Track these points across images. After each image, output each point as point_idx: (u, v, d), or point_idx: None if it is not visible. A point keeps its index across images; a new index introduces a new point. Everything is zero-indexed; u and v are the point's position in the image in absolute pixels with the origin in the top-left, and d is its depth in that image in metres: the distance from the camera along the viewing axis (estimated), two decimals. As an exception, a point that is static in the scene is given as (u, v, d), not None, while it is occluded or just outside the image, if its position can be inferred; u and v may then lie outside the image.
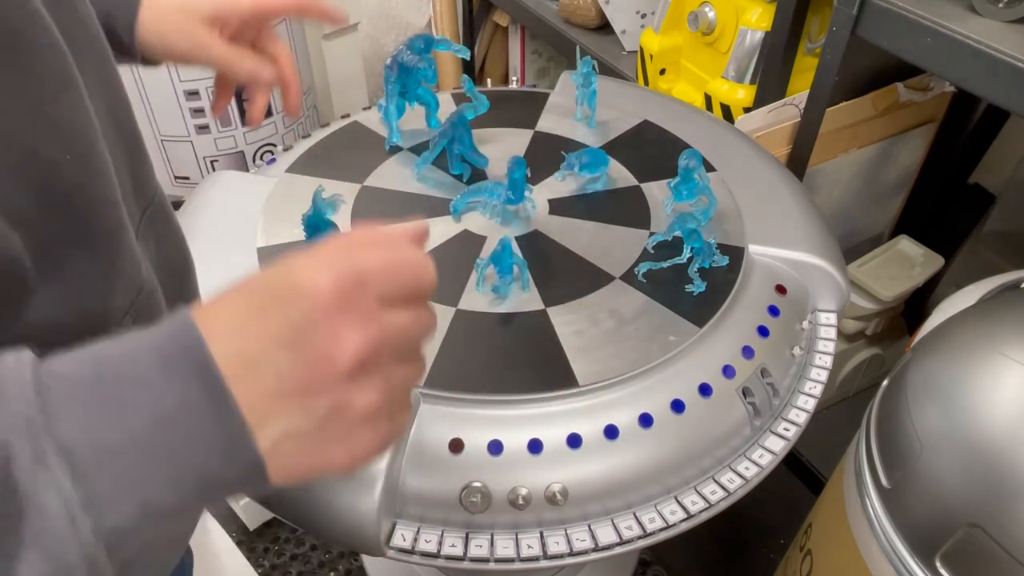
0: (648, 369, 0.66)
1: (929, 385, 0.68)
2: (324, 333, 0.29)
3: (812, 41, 1.10)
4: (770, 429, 0.70)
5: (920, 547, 0.65)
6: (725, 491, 0.66)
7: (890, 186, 1.26)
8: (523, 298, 0.73)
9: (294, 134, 1.54)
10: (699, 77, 1.24)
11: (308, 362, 0.28)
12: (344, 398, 0.29)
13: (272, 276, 0.31)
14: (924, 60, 0.84)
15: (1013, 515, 0.58)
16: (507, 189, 0.80)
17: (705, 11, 1.15)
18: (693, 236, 0.73)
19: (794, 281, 0.78)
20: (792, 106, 1.06)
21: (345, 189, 0.86)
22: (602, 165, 0.86)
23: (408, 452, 0.62)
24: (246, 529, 1.28)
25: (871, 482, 0.71)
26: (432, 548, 0.62)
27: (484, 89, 1.01)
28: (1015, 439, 0.60)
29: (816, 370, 0.75)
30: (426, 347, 0.34)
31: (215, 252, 0.77)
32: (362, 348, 0.29)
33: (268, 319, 0.29)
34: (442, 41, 0.87)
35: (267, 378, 0.28)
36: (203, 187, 0.88)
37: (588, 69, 0.93)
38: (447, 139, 0.87)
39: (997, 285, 0.79)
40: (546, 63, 1.88)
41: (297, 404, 0.28)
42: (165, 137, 1.42)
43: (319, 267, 0.30)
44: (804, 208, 0.85)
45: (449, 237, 0.81)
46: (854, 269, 1.17)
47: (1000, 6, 0.80)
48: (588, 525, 0.64)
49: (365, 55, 1.94)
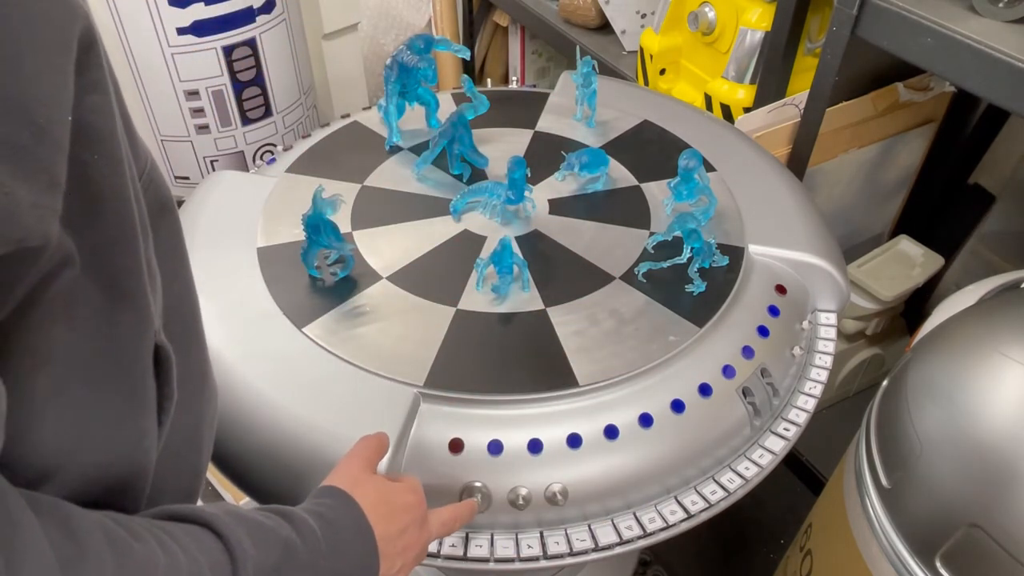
0: (648, 369, 0.66)
1: (929, 385, 0.68)
2: (414, 532, 0.52)
3: (812, 41, 1.10)
4: (770, 429, 0.70)
5: (920, 547, 0.65)
6: (725, 491, 0.66)
7: (890, 186, 1.26)
8: (523, 298, 0.73)
9: (294, 134, 1.54)
10: (699, 77, 1.24)
11: (407, 544, 0.51)
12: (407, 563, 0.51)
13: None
14: (924, 60, 0.84)
15: (1013, 515, 0.58)
16: (507, 189, 0.80)
17: (705, 11, 1.15)
18: (693, 236, 0.73)
19: (794, 281, 0.78)
20: (792, 106, 1.06)
21: (345, 189, 0.86)
22: (602, 165, 0.86)
23: (408, 452, 0.62)
24: (246, 529, 1.28)
25: (871, 482, 0.71)
26: (432, 548, 0.62)
27: (484, 89, 1.01)
28: (1015, 439, 0.60)
29: (816, 370, 0.75)
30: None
31: (215, 252, 0.78)
32: (425, 544, 0.53)
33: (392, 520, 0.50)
34: (442, 41, 0.87)
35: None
36: (203, 187, 0.88)
37: (588, 69, 0.93)
38: (447, 139, 0.87)
39: (997, 285, 0.79)
40: (546, 63, 1.88)
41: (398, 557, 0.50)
42: (165, 137, 1.42)
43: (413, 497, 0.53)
44: (804, 208, 0.85)
45: (449, 237, 0.81)
46: (854, 269, 1.17)
47: (1000, 6, 0.80)
48: (588, 525, 0.64)
49: (365, 55, 1.94)
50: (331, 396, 0.65)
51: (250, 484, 0.65)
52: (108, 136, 0.34)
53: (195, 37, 1.30)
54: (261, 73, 1.41)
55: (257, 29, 1.36)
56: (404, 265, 0.77)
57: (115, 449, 0.36)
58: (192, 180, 1.48)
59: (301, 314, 0.71)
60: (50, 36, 0.28)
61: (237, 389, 0.66)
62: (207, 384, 0.48)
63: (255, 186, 0.87)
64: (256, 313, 0.72)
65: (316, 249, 0.74)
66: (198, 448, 0.47)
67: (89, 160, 0.32)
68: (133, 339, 0.36)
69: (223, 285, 0.74)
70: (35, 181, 0.27)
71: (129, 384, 0.36)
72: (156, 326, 0.37)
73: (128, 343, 0.36)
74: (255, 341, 0.69)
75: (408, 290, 0.74)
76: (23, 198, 0.27)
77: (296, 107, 1.52)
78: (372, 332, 0.70)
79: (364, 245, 0.79)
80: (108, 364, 0.35)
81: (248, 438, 0.64)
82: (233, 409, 0.65)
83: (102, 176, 0.33)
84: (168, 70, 1.32)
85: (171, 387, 0.39)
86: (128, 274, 0.35)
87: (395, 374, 0.65)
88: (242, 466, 0.65)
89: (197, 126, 1.40)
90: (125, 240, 0.35)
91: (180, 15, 1.27)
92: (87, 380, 0.34)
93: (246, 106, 1.42)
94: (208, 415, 0.48)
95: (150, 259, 0.39)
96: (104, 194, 0.33)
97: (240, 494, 1.24)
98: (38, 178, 0.28)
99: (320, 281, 0.75)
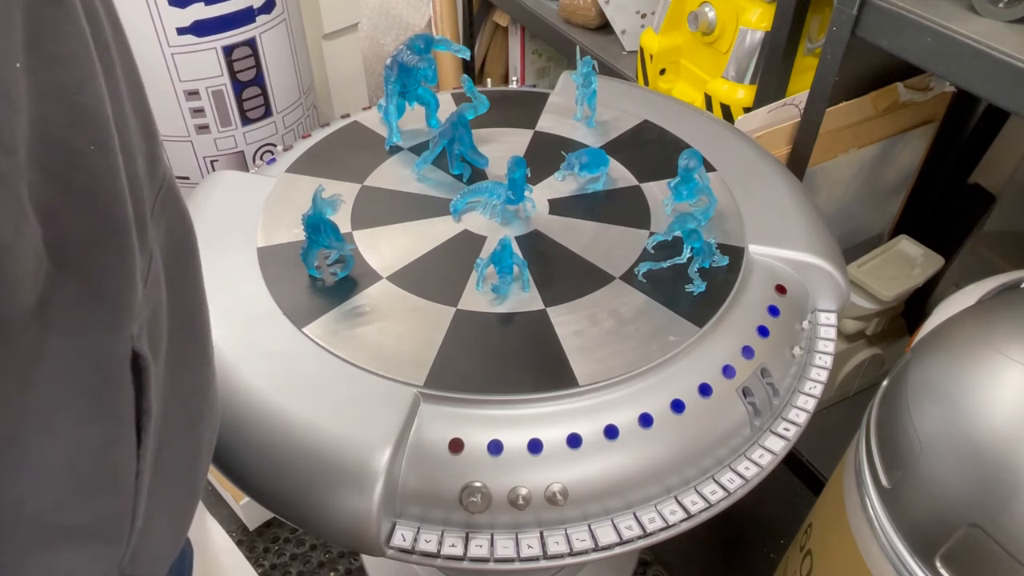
0: (648, 369, 0.66)
1: (929, 385, 0.68)
2: None
3: (812, 41, 1.10)
4: (770, 429, 0.70)
5: (920, 547, 0.65)
6: (725, 491, 0.66)
7: (890, 186, 1.26)
8: (523, 298, 0.73)
9: (294, 134, 1.54)
10: (699, 77, 1.24)
11: None
12: None
13: None
14: (924, 60, 0.84)
15: (1013, 515, 0.58)
16: (507, 189, 0.80)
17: (705, 11, 1.15)
18: (693, 236, 0.73)
19: (794, 281, 0.78)
20: (792, 106, 1.06)
21: (345, 189, 0.86)
22: (602, 165, 0.86)
23: (408, 452, 0.62)
24: (246, 529, 1.28)
25: (871, 482, 0.71)
26: (432, 548, 0.62)
27: (484, 89, 1.01)
28: (1015, 439, 0.60)
29: (816, 370, 0.75)
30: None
31: (215, 252, 0.77)
32: None
33: None
34: (442, 41, 0.87)
35: None
36: (203, 187, 0.88)
37: (588, 69, 0.93)
38: (447, 139, 0.87)
39: (997, 285, 0.79)
40: (546, 63, 1.88)
41: None
42: (165, 137, 1.42)
43: None
44: (804, 208, 0.85)
45: (449, 237, 0.81)
46: (854, 269, 1.17)
47: (1000, 6, 0.80)
48: (588, 525, 0.64)
49: (365, 55, 1.94)
50: (331, 396, 0.65)
51: (249, 484, 0.65)
52: (103, 122, 0.33)
53: (195, 37, 1.30)
54: (261, 73, 1.41)
55: (257, 29, 1.36)
56: (404, 265, 0.77)
57: (76, 450, 0.35)
58: (192, 180, 1.47)
59: (301, 314, 0.71)
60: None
61: (237, 389, 0.66)
62: (208, 406, 0.47)
63: (255, 186, 0.87)
64: (256, 313, 0.72)
65: (316, 249, 0.74)
66: (195, 465, 0.46)
67: (83, 149, 0.31)
68: (104, 338, 0.35)
69: (223, 285, 0.74)
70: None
71: (96, 384, 0.35)
72: (133, 332, 0.36)
73: (98, 341, 0.34)
74: (255, 341, 0.69)
75: (408, 290, 0.74)
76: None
77: (296, 107, 1.52)
78: (372, 332, 0.70)
79: (364, 245, 0.79)
80: (73, 358, 0.33)
81: (248, 438, 0.64)
82: (233, 409, 0.65)
83: (95, 167, 0.32)
84: (168, 70, 1.32)
85: (149, 400, 0.38)
86: (110, 273, 0.34)
87: (395, 374, 0.65)
88: (242, 466, 0.65)
89: (197, 126, 1.40)
90: (112, 237, 0.34)
91: (180, 15, 1.27)
92: (56, 374, 0.33)
93: (246, 106, 1.42)
94: (206, 439, 0.47)
95: (156, 270, 0.38)
96: (97, 186, 0.32)
97: (240, 494, 1.24)
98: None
99: (320, 281, 0.75)
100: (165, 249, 0.42)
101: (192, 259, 0.45)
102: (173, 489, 0.44)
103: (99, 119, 0.33)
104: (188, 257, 0.45)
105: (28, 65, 0.29)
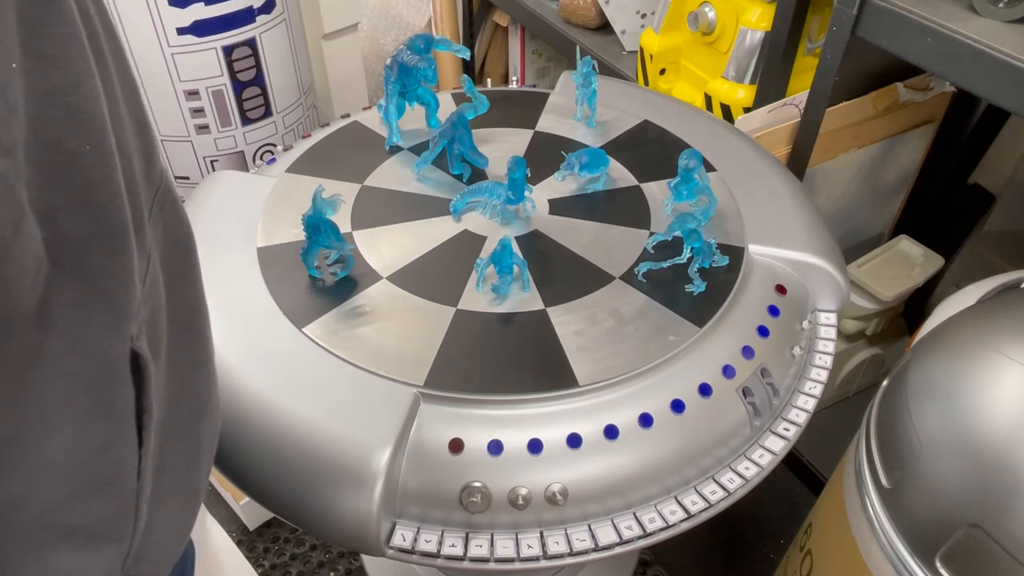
0: (648, 369, 0.66)
1: (929, 385, 0.68)
2: None
3: (812, 41, 1.10)
4: (770, 429, 0.70)
5: (920, 547, 0.65)
6: (725, 491, 0.66)
7: (890, 186, 1.26)
8: (523, 298, 0.73)
9: (294, 134, 1.54)
10: (699, 77, 1.24)
11: None
12: None
13: None
14: (924, 60, 0.84)
15: (1013, 515, 0.58)
16: (507, 189, 0.80)
17: (705, 11, 1.15)
18: (693, 236, 0.73)
19: (794, 281, 0.78)
20: (792, 106, 1.06)
21: (345, 189, 0.86)
22: (602, 165, 0.86)
23: (408, 452, 0.62)
24: (246, 529, 1.28)
25: (871, 482, 0.71)
26: (432, 548, 0.62)
27: (484, 89, 1.01)
28: (1015, 439, 0.60)
29: (816, 370, 0.75)
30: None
31: (215, 252, 0.78)
32: None
33: None
34: (442, 41, 0.87)
35: None
36: (203, 187, 0.88)
37: (588, 69, 0.93)
38: (447, 139, 0.87)
39: (997, 285, 0.79)
40: (546, 63, 1.88)
41: None
42: (165, 137, 1.42)
43: None
44: (804, 208, 0.85)
45: (449, 237, 0.81)
46: (854, 269, 1.17)
47: (1000, 6, 0.80)
48: (588, 525, 0.64)
49: (365, 55, 1.94)
50: (331, 396, 0.65)
51: (249, 484, 0.65)
52: (98, 123, 0.33)
53: (195, 37, 1.30)
54: (261, 73, 1.41)
55: (257, 29, 1.36)
56: (404, 265, 0.77)
57: (76, 449, 0.35)
58: (192, 180, 1.47)
59: (301, 314, 0.71)
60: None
61: (237, 389, 0.66)
62: (209, 406, 0.47)
63: (255, 186, 0.87)
64: (256, 313, 0.72)
65: (316, 249, 0.74)
66: (197, 465, 0.46)
67: (79, 150, 0.31)
68: (104, 338, 0.35)
69: (223, 285, 0.74)
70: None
71: (95, 384, 0.35)
72: (132, 332, 0.36)
73: (98, 341, 0.34)
74: (255, 341, 0.69)
75: (408, 290, 0.74)
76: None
77: (296, 107, 1.52)
78: (372, 332, 0.70)
79: (364, 245, 0.79)
80: (72, 358, 0.33)
81: (247, 438, 0.64)
82: (233, 409, 0.65)
83: (91, 166, 0.32)
84: (168, 70, 1.32)
85: (149, 399, 0.38)
86: (108, 273, 0.34)
87: (395, 374, 0.65)
88: (242, 466, 0.65)
89: (197, 126, 1.40)
90: (110, 237, 0.34)
91: (180, 15, 1.27)
92: (55, 374, 0.33)
93: (246, 106, 1.42)
94: (208, 439, 0.47)
95: (155, 272, 0.38)
96: (93, 185, 0.32)
97: (240, 494, 1.24)
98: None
99: (320, 281, 0.75)
100: (163, 251, 0.42)
101: (191, 261, 0.45)
102: (176, 489, 0.44)
103: (95, 120, 0.33)
104: (187, 259, 0.45)
105: (23, 66, 0.29)
